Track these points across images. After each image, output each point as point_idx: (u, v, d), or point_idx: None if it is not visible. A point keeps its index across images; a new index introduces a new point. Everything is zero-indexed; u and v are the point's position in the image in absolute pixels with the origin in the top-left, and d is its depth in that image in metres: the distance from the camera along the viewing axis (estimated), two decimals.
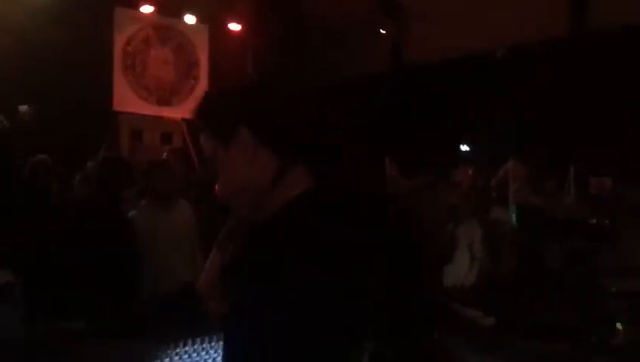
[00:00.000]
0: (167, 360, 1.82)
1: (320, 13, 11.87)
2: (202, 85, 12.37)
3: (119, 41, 11.31)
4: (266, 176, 1.18)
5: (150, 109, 11.75)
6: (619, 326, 3.36)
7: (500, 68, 9.82)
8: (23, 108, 8.10)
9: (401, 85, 10.79)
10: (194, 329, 1.88)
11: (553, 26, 9.00)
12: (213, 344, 1.90)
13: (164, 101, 12.00)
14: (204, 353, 1.83)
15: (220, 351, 1.83)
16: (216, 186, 1.25)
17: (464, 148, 12.34)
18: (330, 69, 11.57)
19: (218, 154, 1.23)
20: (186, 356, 1.83)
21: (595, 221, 4.76)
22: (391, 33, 11.68)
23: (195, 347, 1.86)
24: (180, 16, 11.66)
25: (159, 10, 11.35)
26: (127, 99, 11.42)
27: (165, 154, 7.35)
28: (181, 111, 12.10)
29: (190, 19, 11.66)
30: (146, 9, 11.17)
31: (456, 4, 10.30)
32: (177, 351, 1.83)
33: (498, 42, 9.89)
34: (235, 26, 12.01)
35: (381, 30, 11.63)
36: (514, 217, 4.21)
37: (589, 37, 8.77)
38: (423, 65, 10.49)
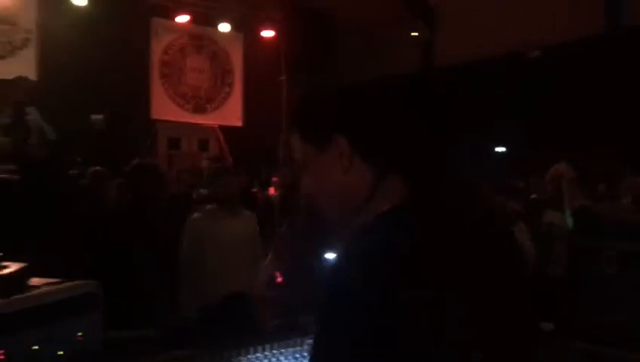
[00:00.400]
0: None
1: (352, 16, 11.92)
2: (237, 92, 12.56)
3: (156, 51, 11.58)
4: (360, 187, 1.14)
5: (187, 117, 11.98)
6: None
7: (539, 68, 9.70)
8: (96, 117, 8.33)
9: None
10: (247, 338, 1.86)
11: (588, 25, 8.88)
12: (266, 353, 1.84)
13: (200, 109, 12.22)
14: None
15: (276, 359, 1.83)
16: (302, 187, 1.23)
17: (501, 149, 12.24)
18: (362, 71, 11.60)
19: (309, 159, 1.20)
20: None
21: None
22: (422, 35, 11.67)
23: (249, 356, 1.82)
24: (214, 24, 11.86)
25: (194, 19, 11.58)
26: (164, 108, 11.67)
27: (205, 162, 7.44)
28: (216, 118, 12.32)
29: (224, 27, 11.85)
30: (182, 18, 11.41)
31: (487, 5, 10.24)
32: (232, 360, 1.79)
33: (531, 42, 9.79)
34: (268, 33, 12.16)
35: (412, 33, 11.62)
36: (569, 220, 4.14)
37: (629, 35, 8.62)
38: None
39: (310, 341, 1.90)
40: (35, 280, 1.75)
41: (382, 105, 1.21)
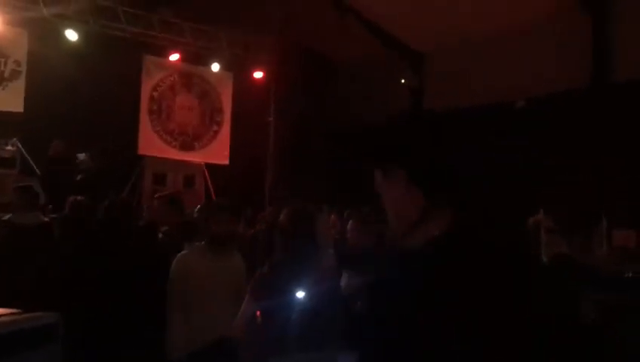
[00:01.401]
0: None
1: (342, 61, 12.14)
2: (225, 131, 12.61)
3: (146, 87, 11.65)
4: (413, 210, 1.29)
5: (173, 153, 11.98)
6: None
7: (520, 117, 9.87)
8: (81, 155, 8.27)
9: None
10: None
11: (575, 79, 9.10)
12: None
13: (187, 146, 12.24)
14: None
15: None
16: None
17: None
18: (351, 114, 11.75)
19: (379, 182, 1.38)
20: None
21: (630, 274, 4.66)
22: (411, 82, 11.88)
23: None
24: (205, 64, 12.01)
25: (186, 58, 11.72)
26: (151, 143, 11.67)
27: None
28: (203, 155, 12.33)
29: (215, 66, 11.99)
30: (173, 57, 11.54)
31: (477, 56, 10.49)
32: None
33: (518, 93, 9.99)
34: (257, 74, 12.32)
35: (402, 80, 11.83)
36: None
37: (611, 88, 8.83)
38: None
39: None
40: None
41: (432, 140, 1.36)
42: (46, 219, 4.48)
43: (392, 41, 11.51)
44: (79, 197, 5.39)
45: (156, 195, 6.17)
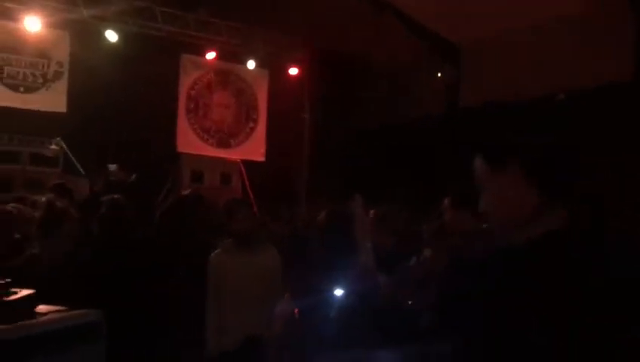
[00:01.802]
0: None
1: (377, 57, 12.05)
2: (261, 128, 12.70)
3: (184, 86, 11.83)
4: (524, 208, 1.25)
5: (210, 151, 12.13)
6: None
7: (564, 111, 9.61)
8: (112, 167, 8.35)
9: None
10: None
11: (617, 71, 8.81)
12: None
13: (223, 143, 12.37)
14: None
15: None
16: (480, 205, 1.36)
17: None
18: (386, 111, 11.66)
19: (485, 178, 1.33)
20: None
21: None
22: (447, 76, 11.71)
23: None
24: (241, 61, 12.10)
25: (222, 56, 11.84)
26: (189, 141, 11.85)
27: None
28: (239, 153, 12.45)
29: (251, 64, 12.08)
30: (210, 55, 11.67)
31: (515, 49, 10.26)
32: None
33: (557, 86, 9.73)
34: (293, 70, 12.35)
35: (438, 74, 11.67)
36: None
37: None
38: None
39: None
40: (41, 308, 1.74)
41: (552, 135, 1.32)
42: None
43: (428, 35, 11.36)
44: (116, 196, 5.51)
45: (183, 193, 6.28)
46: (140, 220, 5.13)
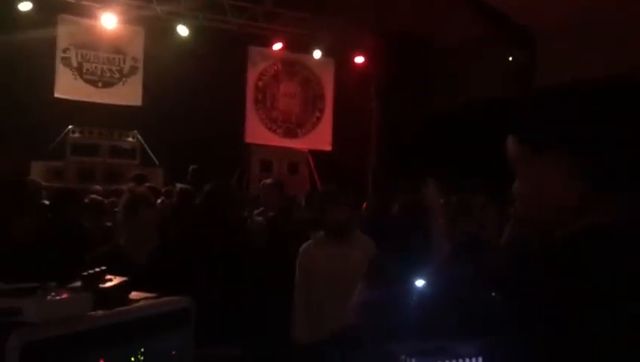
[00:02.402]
0: None
1: (445, 41, 11.78)
2: (327, 117, 12.73)
3: (252, 77, 12.02)
4: (572, 197, 1.13)
5: (278, 141, 12.29)
6: None
7: None
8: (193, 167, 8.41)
9: None
10: None
11: None
12: None
13: (290, 133, 12.50)
14: None
15: None
16: (514, 188, 1.25)
17: None
18: (455, 94, 11.40)
19: (521, 160, 1.21)
20: None
21: None
22: (518, 59, 11.31)
23: None
24: (307, 51, 12.15)
25: (288, 46, 11.92)
26: (257, 132, 12.05)
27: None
28: (306, 142, 12.54)
29: (317, 53, 12.11)
30: (277, 46, 11.79)
31: (589, 29, 9.77)
32: None
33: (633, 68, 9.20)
34: (359, 59, 12.28)
35: (509, 58, 11.29)
36: None
37: None
38: None
39: None
40: (134, 294, 1.81)
41: (610, 121, 1.16)
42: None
43: (499, 17, 10.99)
44: (185, 186, 5.68)
45: (262, 183, 6.36)
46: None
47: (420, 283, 2.50)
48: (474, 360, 2.01)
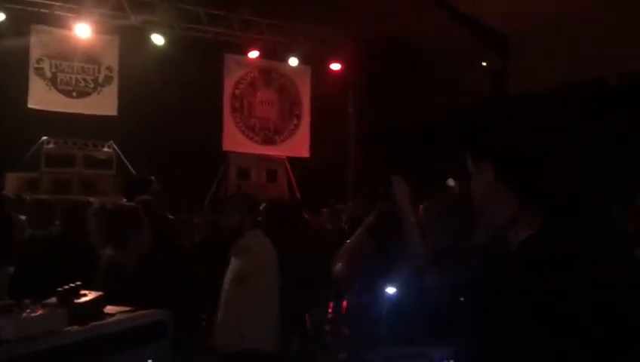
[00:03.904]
0: None
1: (421, 48, 11.92)
2: (305, 124, 12.79)
3: (228, 85, 12.02)
4: (505, 210, 1.16)
5: (256, 148, 12.30)
6: None
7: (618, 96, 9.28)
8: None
9: None
10: None
11: None
12: None
13: (268, 140, 12.52)
14: None
15: None
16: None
17: None
18: (432, 100, 11.54)
19: (471, 171, 1.23)
20: None
21: None
22: (494, 65, 11.49)
23: None
24: (283, 59, 12.20)
25: (264, 54, 11.96)
26: (235, 140, 12.04)
27: None
28: (285, 149, 12.57)
29: (293, 61, 12.16)
30: (253, 54, 11.81)
31: (562, 35, 9.98)
32: None
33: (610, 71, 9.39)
34: (335, 66, 12.37)
35: (483, 63, 11.46)
36: None
37: None
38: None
39: None
40: (109, 309, 1.83)
41: (526, 137, 1.18)
42: None
43: (473, 23, 11.17)
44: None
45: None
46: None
47: (391, 290, 2.55)
48: None
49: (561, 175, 1.17)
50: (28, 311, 1.57)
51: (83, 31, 10.10)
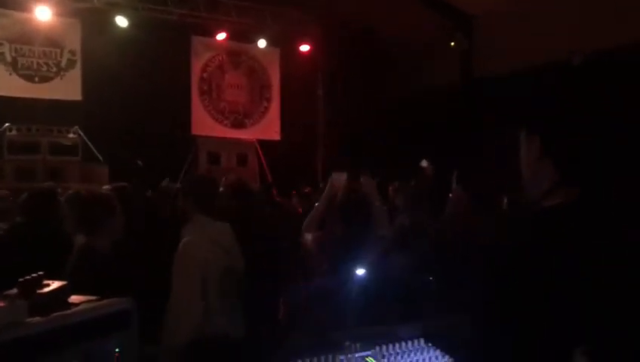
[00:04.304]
0: None
1: (390, 29, 11.91)
2: (275, 107, 12.70)
3: (196, 68, 11.84)
4: (543, 182, 1.27)
5: (225, 132, 12.18)
6: None
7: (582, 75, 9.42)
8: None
9: None
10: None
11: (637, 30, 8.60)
12: None
13: (238, 124, 12.41)
14: None
15: None
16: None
17: None
18: (401, 83, 11.58)
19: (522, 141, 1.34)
20: None
21: None
22: (460, 46, 11.56)
23: None
24: (252, 40, 12.06)
25: (232, 36, 11.80)
26: (204, 123, 11.90)
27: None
28: (255, 132, 12.48)
29: (261, 43, 12.03)
30: (220, 36, 11.64)
31: (528, 15, 10.07)
32: None
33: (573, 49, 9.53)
34: (304, 47, 12.28)
35: (451, 43, 11.52)
36: None
37: None
38: None
39: (342, 357, 1.92)
40: (74, 298, 1.80)
41: (576, 115, 1.29)
42: None
43: (440, 5, 11.21)
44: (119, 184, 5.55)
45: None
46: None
47: (360, 271, 2.58)
48: (415, 341, 2.10)
49: (600, 152, 1.26)
50: None
51: (43, 14, 9.81)
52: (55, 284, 1.79)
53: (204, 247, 3.00)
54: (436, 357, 2.02)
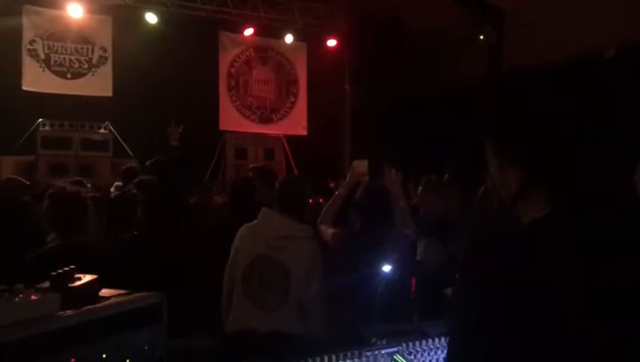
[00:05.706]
0: None
1: (417, 22, 11.80)
2: (302, 102, 12.71)
3: (224, 64, 11.92)
4: (511, 186, 1.17)
5: (253, 127, 12.25)
6: None
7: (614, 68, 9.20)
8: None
9: None
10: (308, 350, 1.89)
11: None
12: None
13: (265, 119, 12.47)
14: None
15: None
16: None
17: None
18: (428, 77, 11.46)
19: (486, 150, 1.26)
20: None
21: None
22: (489, 39, 11.38)
23: None
24: (279, 36, 12.09)
25: (259, 31, 11.85)
26: (231, 119, 11.99)
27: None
28: (282, 128, 12.52)
29: (288, 38, 12.05)
30: (248, 32, 11.70)
31: (559, 8, 9.87)
32: None
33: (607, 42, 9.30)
34: (331, 42, 12.25)
35: (480, 37, 11.36)
36: None
37: None
38: None
39: (369, 353, 1.92)
40: (104, 291, 1.83)
41: (528, 115, 1.18)
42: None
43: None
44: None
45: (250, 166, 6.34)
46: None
47: (387, 268, 2.57)
48: (443, 339, 2.09)
49: (568, 152, 1.16)
50: (21, 295, 1.57)
51: (75, 11, 10.00)
52: (87, 278, 1.82)
53: (248, 238, 2.96)
54: None
